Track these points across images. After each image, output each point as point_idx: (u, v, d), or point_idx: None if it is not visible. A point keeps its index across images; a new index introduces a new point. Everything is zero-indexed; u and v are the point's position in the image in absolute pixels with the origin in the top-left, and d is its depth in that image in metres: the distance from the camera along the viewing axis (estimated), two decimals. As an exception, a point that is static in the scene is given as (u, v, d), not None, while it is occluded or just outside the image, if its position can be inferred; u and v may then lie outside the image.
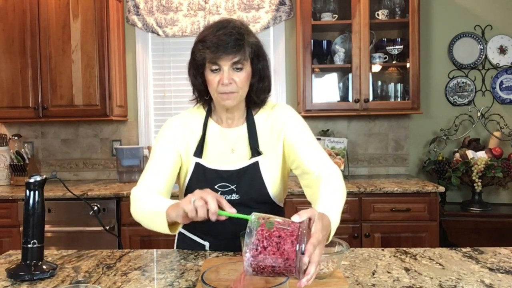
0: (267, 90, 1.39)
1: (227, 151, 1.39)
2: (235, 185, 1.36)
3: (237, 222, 1.36)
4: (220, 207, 1.03)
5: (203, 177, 1.37)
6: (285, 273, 0.87)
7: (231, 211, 1.02)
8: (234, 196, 1.36)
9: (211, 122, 1.42)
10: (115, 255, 1.39)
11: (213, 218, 1.02)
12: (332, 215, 1.08)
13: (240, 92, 1.30)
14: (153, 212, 1.20)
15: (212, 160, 1.38)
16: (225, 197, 1.35)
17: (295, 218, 0.90)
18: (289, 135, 1.37)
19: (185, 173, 1.41)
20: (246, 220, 0.91)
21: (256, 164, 1.36)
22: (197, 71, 1.32)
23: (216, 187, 1.36)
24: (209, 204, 1.01)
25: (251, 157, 1.37)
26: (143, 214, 1.24)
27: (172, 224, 1.18)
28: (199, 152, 1.38)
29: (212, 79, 1.28)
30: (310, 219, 0.92)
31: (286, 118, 1.40)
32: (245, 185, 1.36)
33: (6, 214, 2.76)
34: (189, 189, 1.39)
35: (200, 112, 1.44)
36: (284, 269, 0.86)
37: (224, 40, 1.23)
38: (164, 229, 1.17)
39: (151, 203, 1.23)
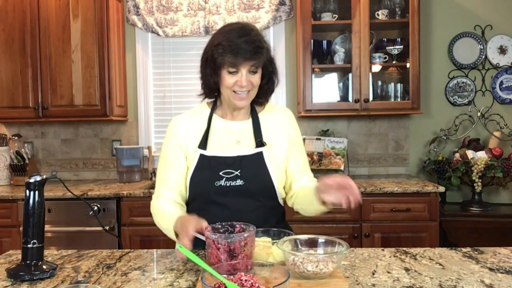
0: (273, 91, 1.51)
1: (232, 143, 1.45)
2: (239, 171, 1.40)
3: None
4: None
5: (207, 166, 1.41)
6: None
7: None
8: (239, 182, 1.40)
9: (215, 116, 1.49)
10: (115, 255, 1.39)
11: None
12: None
13: (253, 92, 1.41)
14: (166, 228, 1.37)
15: (217, 149, 1.44)
16: (230, 183, 1.40)
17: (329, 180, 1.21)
18: (291, 137, 1.50)
19: (189, 165, 1.45)
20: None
21: (260, 154, 1.42)
22: (213, 71, 1.38)
23: (220, 173, 1.40)
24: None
25: (256, 147, 1.43)
26: (161, 228, 1.42)
27: None
28: (203, 144, 1.43)
29: (229, 79, 1.36)
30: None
31: (290, 120, 1.54)
32: (250, 172, 1.40)
33: (6, 214, 2.76)
34: (193, 179, 1.43)
35: (204, 109, 1.51)
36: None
37: (246, 48, 1.32)
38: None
39: (164, 219, 1.39)
